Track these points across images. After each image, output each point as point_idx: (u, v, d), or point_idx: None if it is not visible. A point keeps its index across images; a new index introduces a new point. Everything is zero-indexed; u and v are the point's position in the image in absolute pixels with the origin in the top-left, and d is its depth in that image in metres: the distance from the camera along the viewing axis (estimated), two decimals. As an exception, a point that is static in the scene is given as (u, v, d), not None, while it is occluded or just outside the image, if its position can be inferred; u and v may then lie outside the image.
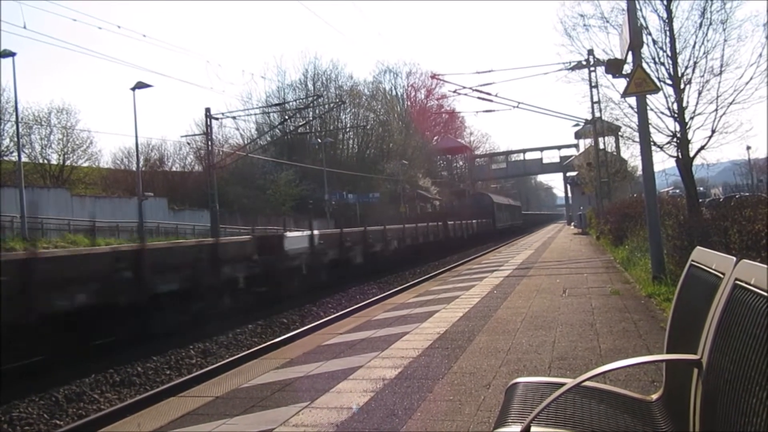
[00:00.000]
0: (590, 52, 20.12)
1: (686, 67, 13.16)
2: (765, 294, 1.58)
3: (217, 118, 34.85)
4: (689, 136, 13.33)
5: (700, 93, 13.20)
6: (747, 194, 28.05)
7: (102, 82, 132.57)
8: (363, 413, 4.14)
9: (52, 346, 8.22)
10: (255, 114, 51.60)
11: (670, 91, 13.27)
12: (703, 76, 13.18)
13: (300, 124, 46.48)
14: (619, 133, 26.30)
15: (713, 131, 13.12)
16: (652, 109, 12.74)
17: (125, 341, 9.44)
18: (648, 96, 10.51)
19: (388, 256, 23.25)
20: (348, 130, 56.23)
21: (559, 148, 76.12)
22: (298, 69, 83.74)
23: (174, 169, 46.94)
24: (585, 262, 15.68)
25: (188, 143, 46.75)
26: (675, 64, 13.12)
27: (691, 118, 13.24)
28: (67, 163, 39.19)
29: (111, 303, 9.40)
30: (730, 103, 12.89)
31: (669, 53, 13.19)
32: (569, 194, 61.46)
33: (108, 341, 9.36)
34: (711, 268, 2.17)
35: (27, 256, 8.51)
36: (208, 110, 32.81)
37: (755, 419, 1.46)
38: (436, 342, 6.43)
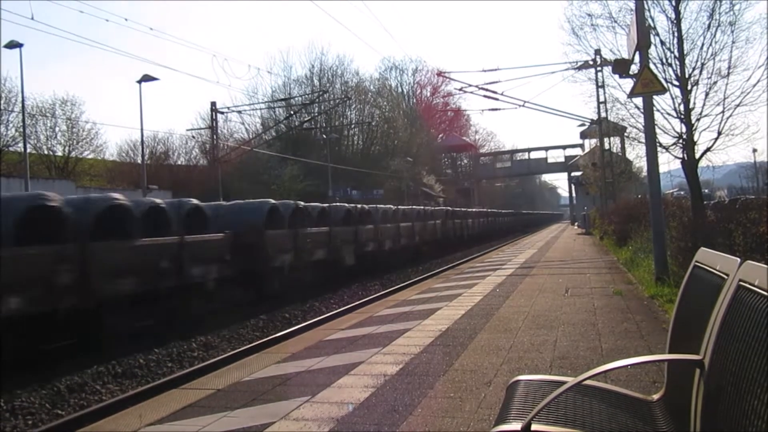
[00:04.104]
0: (597, 51, 20.06)
1: (693, 69, 13.08)
2: (768, 295, 1.58)
3: (222, 113, 34.91)
4: (695, 138, 13.25)
5: (707, 95, 13.13)
6: (752, 197, 27.96)
7: (108, 75, 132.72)
8: (364, 408, 4.15)
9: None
10: (260, 109, 51.63)
11: (676, 92, 13.20)
12: (710, 77, 13.11)
13: (305, 119, 46.45)
14: (625, 134, 26.21)
15: (719, 133, 13.06)
16: (658, 110, 12.68)
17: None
18: (654, 97, 10.47)
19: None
20: (353, 126, 56.17)
21: (564, 147, 75.93)
22: (305, 64, 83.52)
23: (179, 162, 46.99)
24: (588, 262, 15.67)
25: (193, 137, 46.83)
26: (682, 65, 13.04)
27: (698, 120, 13.17)
28: (72, 154, 39.27)
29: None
30: (737, 105, 12.82)
31: (677, 54, 13.11)
32: (573, 194, 61.40)
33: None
34: (715, 269, 2.17)
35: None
36: (213, 104, 32.86)
37: (757, 421, 1.46)
38: (437, 339, 6.43)
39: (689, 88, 13.06)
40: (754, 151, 53.70)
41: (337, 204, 21.27)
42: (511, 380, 2.57)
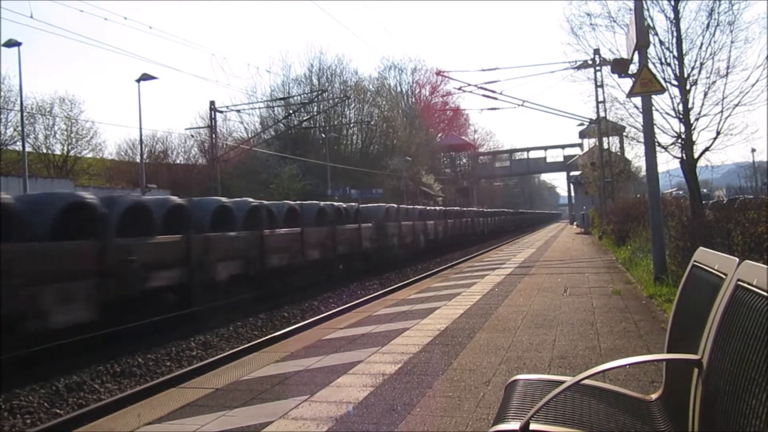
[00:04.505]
0: (596, 51, 20.01)
1: (692, 68, 13.06)
2: (767, 295, 1.58)
3: (221, 111, 34.91)
4: (694, 138, 13.24)
5: (705, 94, 13.10)
6: (750, 197, 28.01)
7: (107, 73, 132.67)
8: (362, 408, 4.15)
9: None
10: (259, 108, 51.67)
11: (675, 91, 13.17)
12: (709, 77, 13.08)
13: (304, 118, 46.44)
14: (624, 133, 26.23)
15: (718, 133, 13.03)
16: (657, 110, 12.66)
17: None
18: (653, 96, 10.47)
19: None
20: (352, 125, 56.17)
21: (563, 147, 76.02)
22: (303, 63, 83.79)
23: (178, 161, 46.99)
24: (587, 262, 15.67)
25: (192, 136, 46.81)
26: (681, 64, 13.03)
27: (696, 120, 13.15)
28: (71, 153, 39.27)
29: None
30: (736, 105, 12.79)
31: (675, 54, 13.09)
32: (572, 193, 61.44)
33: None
34: (713, 269, 2.17)
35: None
36: (212, 103, 32.85)
37: (755, 420, 1.46)
38: (436, 338, 6.43)
39: (688, 87, 13.05)
40: (753, 150, 53.76)
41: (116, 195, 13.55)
42: (509, 380, 2.57)
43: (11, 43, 25.18)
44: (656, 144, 11.32)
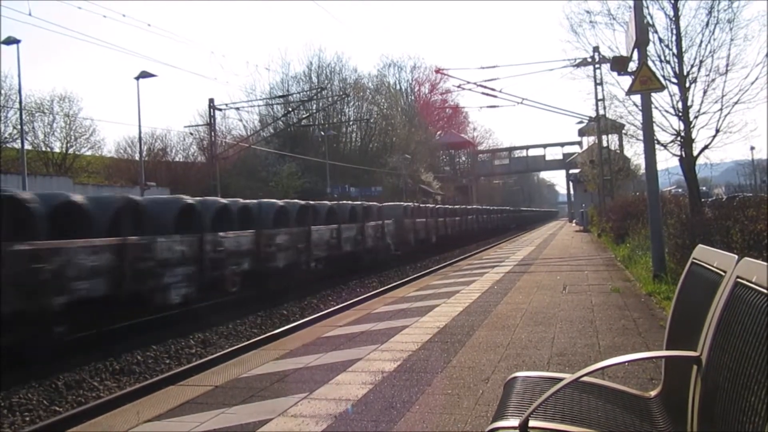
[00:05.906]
0: (596, 49, 20.05)
1: (692, 66, 13.09)
2: (766, 292, 1.58)
3: (220, 109, 34.84)
4: (693, 135, 13.29)
5: (705, 92, 13.15)
6: (749, 194, 28.01)
7: (106, 71, 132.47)
8: (361, 405, 4.15)
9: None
10: (258, 106, 51.56)
11: (675, 89, 13.21)
12: (708, 75, 13.13)
13: (303, 116, 46.42)
14: (623, 131, 26.26)
15: (717, 131, 13.07)
16: (656, 108, 12.71)
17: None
18: (653, 94, 10.46)
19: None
20: (351, 123, 56.14)
21: (562, 145, 76.01)
22: (303, 61, 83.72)
23: (177, 159, 46.89)
24: (586, 260, 15.67)
25: (191, 134, 46.72)
26: (681, 62, 13.05)
27: (696, 117, 13.19)
28: (70, 151, 39.22)
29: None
30: (735, 103, 12.84)
31: (675, 51, 13.12)
32: (571, 191, 61.48)
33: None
34: (712, 266, 2.17)
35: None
36: (211, 101, 32.80)
37: (754, 417, 1.46)
38: (435, 336, 6.43)
39: (687, 85, 13.07)
40: (752, 148, 53.86)
41: None
42: (508, 377, 2.57)
43: (10, 41, 25.11)
44: (655, 142, 11.32)
